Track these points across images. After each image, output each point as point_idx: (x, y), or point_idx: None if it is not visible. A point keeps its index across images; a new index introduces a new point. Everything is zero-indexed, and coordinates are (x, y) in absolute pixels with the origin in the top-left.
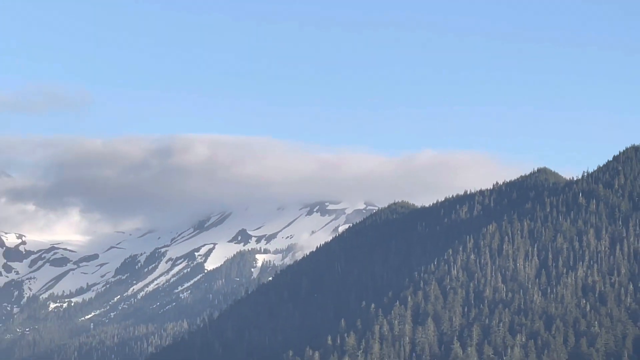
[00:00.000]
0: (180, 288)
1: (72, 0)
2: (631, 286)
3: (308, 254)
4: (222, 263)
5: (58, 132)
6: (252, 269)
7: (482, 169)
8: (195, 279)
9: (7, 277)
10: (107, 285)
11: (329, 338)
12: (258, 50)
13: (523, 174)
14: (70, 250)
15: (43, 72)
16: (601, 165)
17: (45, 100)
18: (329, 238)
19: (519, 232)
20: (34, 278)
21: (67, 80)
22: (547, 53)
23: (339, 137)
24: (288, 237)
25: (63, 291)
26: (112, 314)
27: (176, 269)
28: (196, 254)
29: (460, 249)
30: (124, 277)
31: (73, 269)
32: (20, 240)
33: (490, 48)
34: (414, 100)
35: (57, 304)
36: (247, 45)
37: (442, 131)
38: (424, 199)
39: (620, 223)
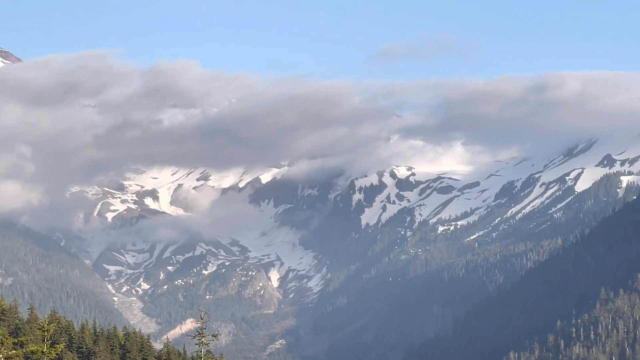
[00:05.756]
0: (553, 209)
1: None
2: None
3: None
4: (590, 185)
5: (445, 76)
6: (618, 190)
7: None
8: (567, 201)
9: (400, 204)
10: (488, 209)
11: None
12: None
13: None
14: (454, 179)
15: (438, 23)
16: None
17: (436, 48)
18: None
19: None
20: (424, 205)
21: (457, 29)
22: None
23: None
24: None
25: (449, 215)
26: (493, 234)
27: (549, 192)
28: (567, 178)
29: None
30: (502, 201)
31: (457, 196)
32: (410, 172)
33: None
34: None
35: (444, 227)
36: None
37: None
38: None
39: None
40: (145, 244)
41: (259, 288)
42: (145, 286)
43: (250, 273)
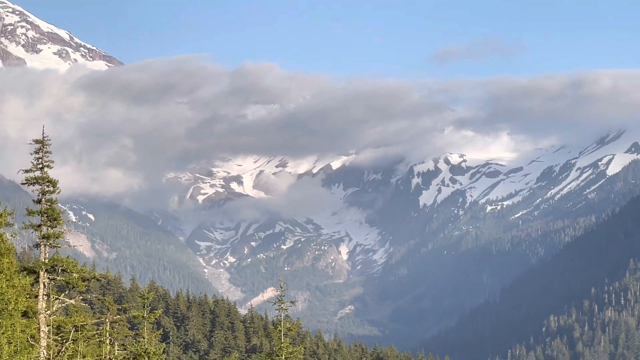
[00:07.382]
0: (587, 190)
1: None
2: None
3: None
4: (620, 169)
5: (493, 74)
6: None
7: None
8: (599, 183)
9: (453, 187)
10: (531, 191)
11: None
12: None
13: None
14: (500, 165)
15: (487, 27)
16: None
17: (485, 49)
18: None
19: None
20: (474, 187)
21: (506, 32)
22: None
23: None
24: None
25: (497, 196)
26: (535, 212)
27: (584, 175)
28: (599, 163)
29: None
30: (543, 184)
31: (503, 179)
32: (462, 159)
33: None
34: None
35: (492, 207)
36: None
37: None
38: None
39: None
40: (232, 223)
41: (330, 260)
42: (232, 259)
43: (323, 247)
